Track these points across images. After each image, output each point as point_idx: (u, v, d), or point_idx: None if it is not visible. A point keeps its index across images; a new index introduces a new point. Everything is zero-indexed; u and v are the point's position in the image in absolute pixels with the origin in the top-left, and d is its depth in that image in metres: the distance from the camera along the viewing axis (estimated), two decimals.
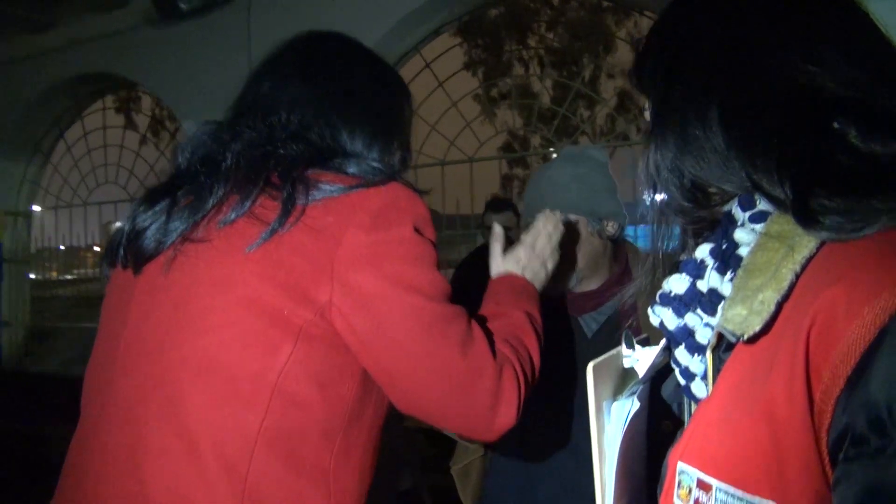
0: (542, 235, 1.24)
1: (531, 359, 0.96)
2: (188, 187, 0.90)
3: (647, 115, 0.66)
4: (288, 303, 0.81)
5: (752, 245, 0.53)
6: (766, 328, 0.48)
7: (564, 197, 1.44)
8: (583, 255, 1.46)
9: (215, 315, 0.82)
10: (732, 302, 0.51)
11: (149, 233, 0.88)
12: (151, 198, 0.91)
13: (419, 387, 0.85)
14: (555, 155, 6.33)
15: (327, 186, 0.85)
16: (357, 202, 0.85)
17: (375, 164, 0.90)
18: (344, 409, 0.85)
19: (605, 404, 0.66)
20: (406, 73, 5.43)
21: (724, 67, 0.56)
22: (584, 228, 1.46)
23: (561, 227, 1.25)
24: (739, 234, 0.54)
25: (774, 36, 0.55)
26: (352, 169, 0.89)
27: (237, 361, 0.80)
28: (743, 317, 0.49)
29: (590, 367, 0.63)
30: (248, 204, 0.84)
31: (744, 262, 0.52)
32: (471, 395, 0.85)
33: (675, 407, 0.68)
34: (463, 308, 0.90)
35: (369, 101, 1.02)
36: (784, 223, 0.51)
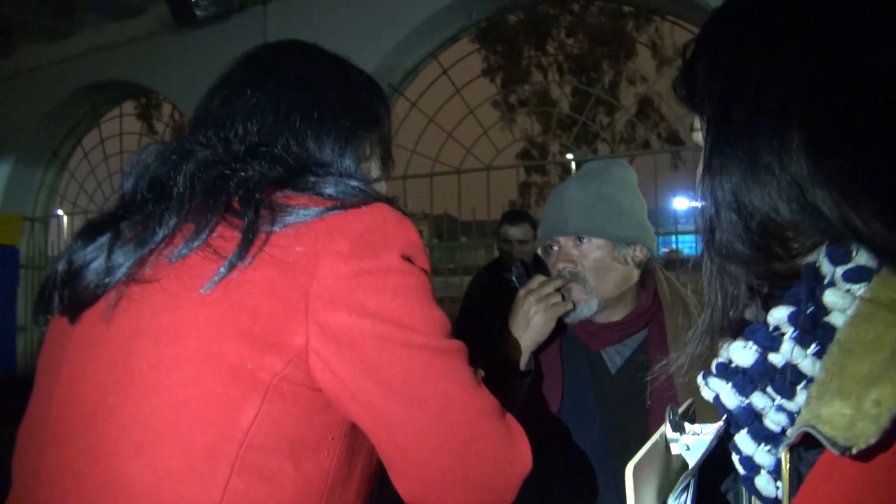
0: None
1: None
2: (135, 218, 0.76)
3: (698, 136, 0.53)
4: (252, 354, 0.67)
5: (852, 313, 0.40)
6: (886, 441, 0.35)
7: (588, 219, 1.31)
8: (606, 282, 1.33)
9: (162, 372, 0.68)
10: (824, 391, 0.38)
11: (86, 273, 0.74)
12: (90, 231, 0.77)
13: (422, 442, 0.71)
14: (574, 164, 6.20)
15: (298, 210, 0.72)
16: (334, 227, 0.71)
17: (356, 184, 0.77)
18: (322, 480, 0.72)
19: None
20: (423, 79, 5.34)
21: (808, 74, 0.43)
22: (609, 254, 1.32)
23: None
24: (832, 298, 0.41)
25: (882, 27, 0.41)
26: (329, 190, 0.75)
27: (188, 429, 0.66)
28: (847, 419, 0.36)
29: (629, 469, 0.50)
30: (203, 235, 0.71)
31: (840, 337, 0.39)
32: (486, 438, 0.73)
33: (731, 498, 0.55)
34: (462, 344, 0.78)
35: (335, 100, 0.88)
36: None
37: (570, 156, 6.93)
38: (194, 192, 0.74)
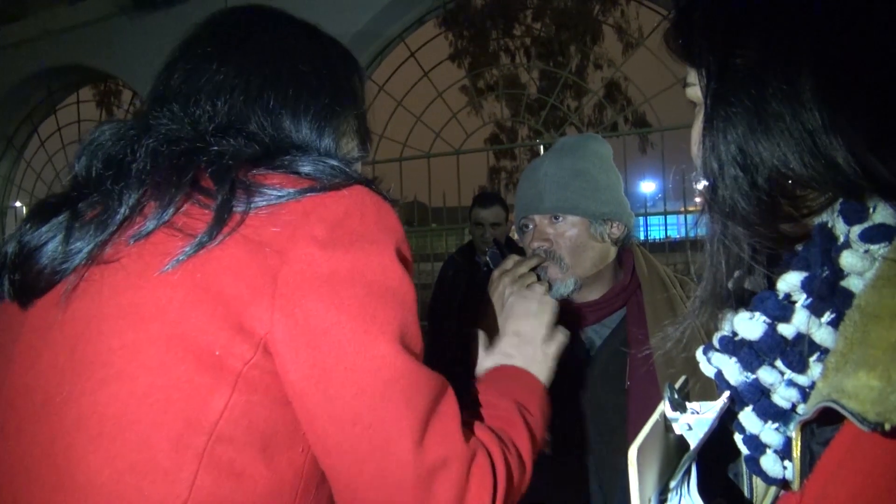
0: (530, 316, 1.02)
1: (519, 456, 0.76)
2: (93, 197, 0.70)
3: (693, 91, 0.49)
4: (220, 338, 0.62)
5: (873, 276, 0.36)
6: None
7: (563, 196, 1.28)
8: (583, 260, 1.30)
9: (123, 358, 0.62)
10: (844, 362, 0.35)
11: (41, 256, 0.68)
12: (43, 212, 0.71)
13: (357, 470, 0.64)
14: (542, 147, 6.20)
15: (274, 191, 0.66)
16: (310, 209, 0.66)
17: (335, 163, 0.71)
18: (296, 478, 0.66)
19: (651, 501, 0.49)
20: (390, 62, 5.26)
21: (821, 12, 0.39)
22: (585, 231, 1.29)
23: (552, 302, 1.03)
24: (850, 259, 0.38)
25: None
26: (306, 168, 0.70)
27: (152, 421, 0.61)
28: (876, 392, 0.32)
29: (633, 452, 0.46)
30: (169, 212, 0.65)
31: (860, 302, 0.36)
32: (428, 492, 0.64)
33: (731, 476, 0.52)
34: (439, 374, 0.70)
35: (310, 75, 0.82)
36: None
37: (539, 140, 6.92)
38: (156, 167, 0.68)
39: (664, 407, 0.53)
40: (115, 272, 0.66)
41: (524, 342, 0.99)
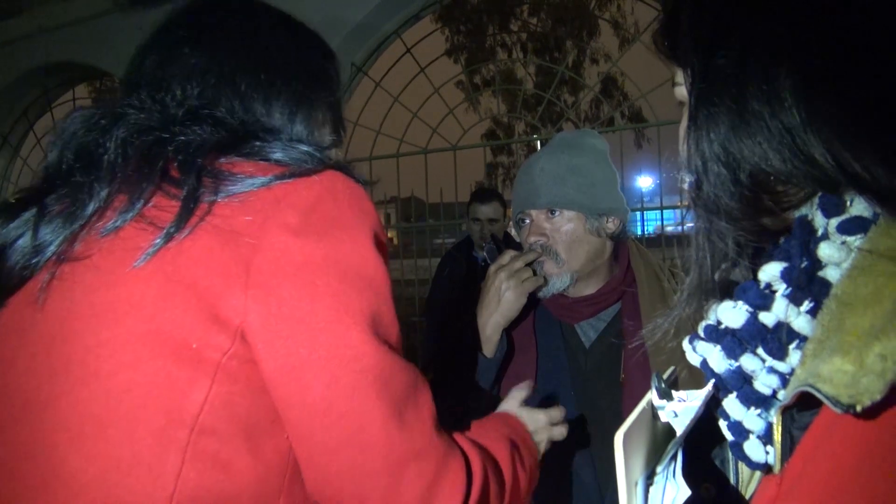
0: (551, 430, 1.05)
1: (500, 482, 0.76)
2: (61, 191, 0.69)
3: (680, 90, 0.50)
4: (196, 331, 0.62)
5: (848, 266, 0.38)
6: (893, 397, 0.33)
7: (560, 191, 1.29)
8: (579, 255, 1.32)
9: (100, 357, 0.62)
10: (821, 349, 0.36)
11: (11, 253, 0.68)
12: (10, 209, 0.70)
13: (329, 458, 0.64)
14: (539, 143, 6.21)
15: (244, 179, 0.66)
16: (281, 196, 0.65)
17: (306, 149, 0.71)
18: (282, 463, 0.66)
19: (638, 485, 0.51)
20: (386, 59, 5.26)
21: (798, 16, 0.41)
22: (581, 226, 1.31)
23: (563, 431, 1.07)
24: (828, 251, 0.39)
25: None
26: (276, 154, 0.69)
27: (133, 417, 0.61)
28: (849, 376, 0.34)
29: (619, 437, 0.47)
30: (138, 205, 0.65)
31: (837, 291, 0.38)
32: (397, 481, 0.65)
33: (718, 462, 0.54)
34: (413, 366, 0.70)
35: (284, 62, 0.81)
36: None
37: (536, 136, 6.93)
38: (127, 159, 0.68)
39: (651, 395, 0.55)
40: (87, 270, 0.65)
41: (543, 430, 1.01)
